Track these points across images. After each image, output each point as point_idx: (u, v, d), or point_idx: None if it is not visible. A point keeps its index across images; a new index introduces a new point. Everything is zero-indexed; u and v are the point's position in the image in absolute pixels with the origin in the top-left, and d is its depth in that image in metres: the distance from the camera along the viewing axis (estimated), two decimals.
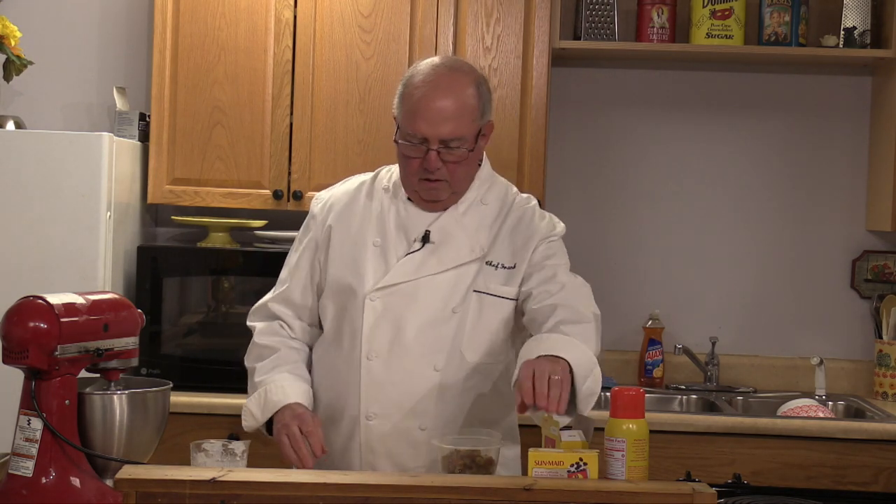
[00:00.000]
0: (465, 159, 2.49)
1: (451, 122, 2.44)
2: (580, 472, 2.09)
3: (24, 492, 2.13)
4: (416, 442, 2.51)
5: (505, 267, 2.54)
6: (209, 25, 3.91)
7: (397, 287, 2.51)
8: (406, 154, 2.49)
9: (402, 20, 3.89)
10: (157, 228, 4.25)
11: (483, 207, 2.58)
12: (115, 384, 2.29)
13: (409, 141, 2.47)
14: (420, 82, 2.47)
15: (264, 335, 2.63)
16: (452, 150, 2.46)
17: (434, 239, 2.52)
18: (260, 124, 3.91)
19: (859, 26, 4.00)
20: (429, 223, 2.54)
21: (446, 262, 2.52)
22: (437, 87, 2.45)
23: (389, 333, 2.51)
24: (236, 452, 2.25)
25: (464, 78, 2.49)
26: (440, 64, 2.51)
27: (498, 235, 2.56)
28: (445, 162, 2.46)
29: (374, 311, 2.51)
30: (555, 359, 2.27)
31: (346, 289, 2.55)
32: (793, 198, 4.26)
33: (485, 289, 2.52)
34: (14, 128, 3.84)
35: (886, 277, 4.22)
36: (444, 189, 2.51)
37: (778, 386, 4.20)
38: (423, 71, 2.49)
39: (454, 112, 2.44)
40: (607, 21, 4.07)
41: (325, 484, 1.96)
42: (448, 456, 2.30)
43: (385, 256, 2.54)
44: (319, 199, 2.68)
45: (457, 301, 2.51)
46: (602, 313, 4.21)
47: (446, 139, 2.44)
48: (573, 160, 4.28)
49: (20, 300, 2.18)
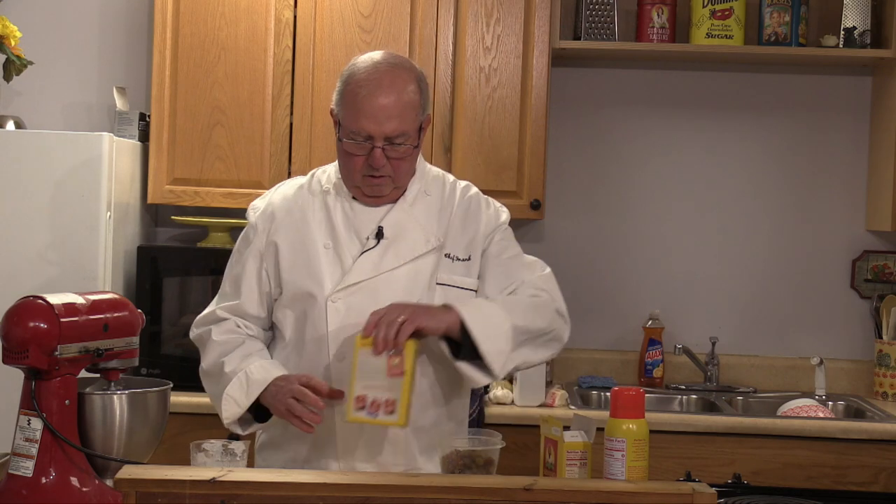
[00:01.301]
0: (409, 155, 2.51)
1: (395, 120, 2.45)
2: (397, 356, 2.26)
3: (24, 492, 2.13)
4: (394, 439, 2.49)
5: (460, 259, 2.57)
6: (209, 25, 3.91)
7: (358, 286, 2.51)
8: (350, 152, 2.49)
9: (402, 20, 3.90)
10: (157, 228, 4.25)
11: (428, 198, 2.60)
12: (115, 384, 2.29)
13: (353, 139, 2.47)
14: (363, 80, 2.47)
15: (222, 333, 2.57)
16: (397, 147, 2.47)
17: (388, 234, 2.53)
18: (260, 124, 3.91)
19: (859, 26, 4.00)
20: (379, 219, 2.55)
21: (404, 255, 2.53)
22: (381, 85, 2.46)
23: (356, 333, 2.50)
24: (236, 452, 2.25)
25: (405, 74, 2.50)
26: (381, 61, 2.50)
27: (449, 227, 2.58)
28: (390, 158, 2.48)
29: (338, 312, 2.50)
30: (444, 308, 2.39)
31: (304, 295, 2.53)
32: (793, 198, 4.26)
33: (449, 281, 2.55)
34: (14, 128, 3.84)
35: (886, 277, 4.22)
36: (387, 185, 2.52)
37: (778, 386, 4.20)
38: (365, 68, 2.49)
39: (398, 109, 2.46)
40: (607, 21, 4.07)
41: (325, 484, 1.96)
42: (448, 456, 2.30)
43: (340, 257, 2.53)
44: (256, 209, 2.64)
45: (420, 293, 2.52)
46: (602, 313, 4.27)
47: (391, 136, 2.46)
48: (573, 160, 4.28)
49: (20, 300, 2.18)
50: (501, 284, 2.56)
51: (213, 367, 2.54)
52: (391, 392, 2.29)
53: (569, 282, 4.26)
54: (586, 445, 2.23)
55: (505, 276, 2.57)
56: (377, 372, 2.30)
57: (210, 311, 2.63)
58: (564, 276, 4.25)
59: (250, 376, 2.46)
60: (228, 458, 2.24)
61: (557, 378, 4.15)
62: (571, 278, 4.28)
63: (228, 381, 2.48)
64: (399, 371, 2.29)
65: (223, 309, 2.61)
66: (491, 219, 2.62)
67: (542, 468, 2.28)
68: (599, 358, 4.26)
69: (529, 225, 4.24)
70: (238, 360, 2.50)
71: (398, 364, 2.29)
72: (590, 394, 4.04)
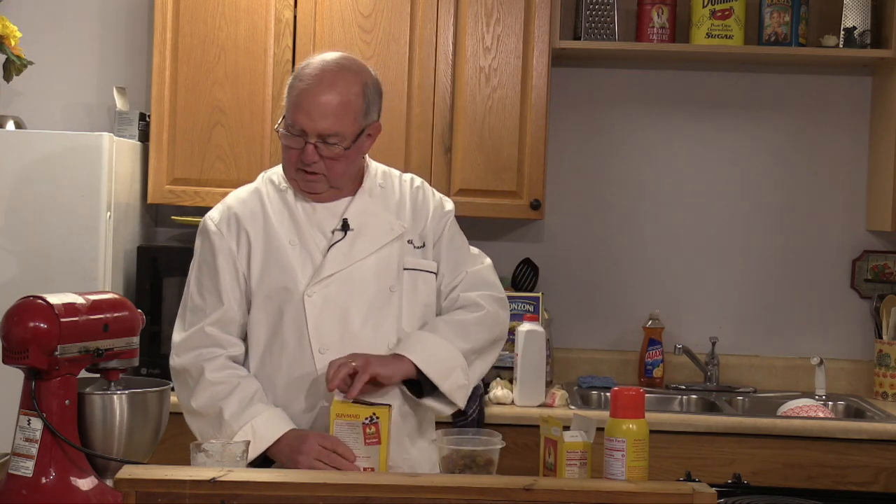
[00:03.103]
0: (342, 156, 2.53)
1: (329, 119, 2.48)
2: (373, 425, 2.31)
3: (24, 492, 2.13)
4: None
5: (416, 247, 2.64)
6: (209, 25, 3.91)
7: (332, 278, 2.54)
8: (286, 144, 2.53)
9: (402, 20, 3.89)
10: (157, 228, 4.25)
11: (383, 189, 2.66)
12: (115, 384, 2.29)
13: (288, 132, 2.51)
14: (307, 75, 2.51)
15: (216, 371, 2.53)
16: (329, 146, 2.50)
17: (353, 226, 2.58)
18: (260, 124, 3.91)
19: (859, 26, 4.00)
20: (340, 213, 2.59)
21: (373, 244, 2.58)
22: (322, 83, 2.49)
23: (336, 324, 2.54)
24: (236, 452, 2.25)
25: (351, 77, 2.52)
26: (330, 60, 2.54)
27: (406, 216, 2.65)
28: (322, 157, 2.51)
29: (315, 305, 2.53)
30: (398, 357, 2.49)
31: (279, 291, 2.55)
32: (793, 198, 4.26)
33: (414, 265, 2.62)
34: (14, 128, 3.84)
35: (886, 277, 4.22)
36: (321, 182, 2.55)
37: (778, 386, 4.20)
38: (313, 65, 2.53)
39: (335, 109, 2.48)
40: (607, 21, 4.07)
41: (325, 484, 1.96)
42: (448, 456, 2.30)
43: (308, 252, 2.56)
44: (214, 218, 2.63)
45: (392, 280, 2.58)
46: (602, 313, 4.27)
47: (324, 134, 2.49)
48: (573, 160, 4.28)
49: (20, 300, 2.18)
50: (452, 273, 2.66)
51: (208, 409, 2.52)
52: (369, 461, 2.35)
53: (569, 282, 4.28)
54: (586, 445, 2.23)
55: (454, 265, 2.67)
56: (355, 441, 2.36)
57: (195, 332, 2.57)
58: (564, 276, 4.28)
59: (257, 430, 2.46)
60: (228, 458, 2.24)
61: (557, 378, 4.15)
62: (571, 278, 4.28)
63: (231, 431, 2.47)
64: (375, 440, 2.35)
65: (211, 325, 2.56)
66: (438, 207, 2.70)
67: (542, 468, 2.28)
68: (599, 358, 4.26)
69: (529, 225, 4.24)
70: (237, 406, 2.49)
71: (374, 433, 2.35)
72: (590, 394, 4.04)
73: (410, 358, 2.49)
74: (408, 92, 3.91)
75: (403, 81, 3.90)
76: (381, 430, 2.34)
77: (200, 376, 2.53)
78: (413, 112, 3.91)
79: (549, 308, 4.16)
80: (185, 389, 2.57)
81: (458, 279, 2.66)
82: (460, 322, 2.60)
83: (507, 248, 4.23)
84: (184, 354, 2.58)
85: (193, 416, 2.57)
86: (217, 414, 2.51)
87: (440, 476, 2.18)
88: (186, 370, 2.56)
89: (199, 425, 2.56)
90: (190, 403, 2.56)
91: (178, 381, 2.59)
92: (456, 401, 2.55)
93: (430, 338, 2.56)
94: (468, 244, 2.75)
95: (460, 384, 2.55)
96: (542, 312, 3.94)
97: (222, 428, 2.49)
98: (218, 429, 2.50)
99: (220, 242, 2.59)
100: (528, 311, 3.89)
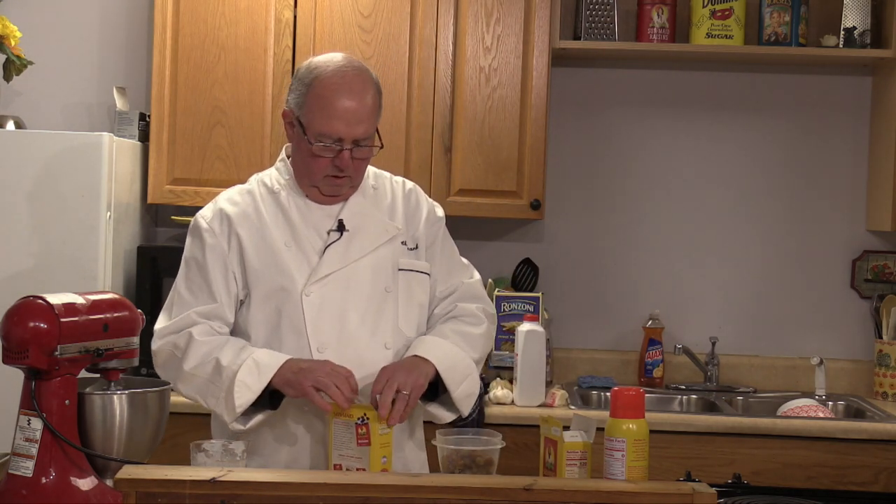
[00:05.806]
0: (371, 156, 2.59)
1: (364, 123, 2.53)
2: (364, 426, 2.34)
3: (24, 492, 2.13)
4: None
5: (410, 248, 2.66)
6: (209, 25, 3.91)
7: (329, 278, 2.55)
8: (318, 154, 2.53)
9: (402, 20, 3.90)
10: (157, 228, 4.25)
11: (377, 191, 2.69)
12: (115, 384, 2.29)
13: (322, 142, 2.51)
14: (333, 84, 2.51)
15: (204, 334, 2.52)
16: (361, 149, 2.54)
17: (349, 226, 2.59)
18: (260, 124, 3.91)
19: (859, 26, 4.00)
20: (335, 214, 2.61)
21: (368, 245, 2.60)
22: (352, 89, 2.52)
23: (334, 323, 2.55)
24: (236, 452, 2.25)
25: (368, 78, 2.57)
26: (346, 65, 2.56)
27: (400, 217, 2.67)
28: (354, 159, 2.54)
29: (313, 305, 2.54)
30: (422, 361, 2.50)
31: (277, 291, 2.55)
32: (793, 197, 4.26)
33: (409, 266, 2.64)
34: (14, 128, 3.84)
35: (886, 277, 4.22)
36: (346, 184, 2.59)
37: (778, 386, 4.20)
38: (333, 72, 2.53)
39: (366, 113, 2.53)
40: (607, 21, 4.07)
41: (325, 484, 1.96)
42: (448, 456, 2.30)
43: (303, 253, 2.57)
44: (205, 217, 2.61)
45: (388, 280, 2.60)
46: (602, 313, 4.27)
47: (359, 139, 2.53)
48: (573, 160, 4.28)
49: (20, 300, 2.18)
50: (445, 280, 2.70)
51: (203, 365, 2.49)
52: (360, 461, 2.36)
53: (569, 282, 4.28)
54: (586, 445, 2.23)
55: (447, 271, 2.71)
56: (349, 442, 2.38)
57: (182, 317, 2.55)
58: (564, 276, 4.28)
59: (259, 361, 2.45)
60: (228, 458, 2.24)
61: (557, 378, 4.15)
62: (571, 278, 4.28)
63: (231, 372, 2.44)
64: (366, 440, 2.36)
65: (199, 314, 2.55)
66: (431, 212, 2.73)
67: (542, 468, 2.28)
68: (599, 358, 4.26)
69: (529, 225, 4.24)
70: (234, 353, 2.47)
71: (365, 434, 2.36)
72: (590, 394, 4.04)
73: (433, 361, 2.51)
74: (408, 92, 3.91)
75: (403, 81, 3.90)
76: (371, 432, 2.35)
77: (189, 340, 2.51)
78: (413, 112, 3.91)
79: (549, 308, 4.16)
80: (172, 362, 2.53)
81: (453, 287, 2.70)
82: (469, 333, 2.64)
83: (507, 248, 4.23)
84: (167, 336, 2.56)
85: (188, 381, 2.51)
86: (214, 365, 2.47)
87: (440, 476, 2.18)
88: (172, 343, 2.53)
89: (196, 386, 2.50)
90: (182, 368, 2.51)
91: (162, 358, 2.55)
92: (462, 408, 2.58)
93: (446, 344, 2.59)
94: (456, 249, 2.78)
95: (469, 392, 2.58)
96: (542, 312, 3.94)
97: (221, 376, 2.45)
98: (217, 379, 2.46)
99: (212, 241, 2.58)
100: (528, 311, 3.89)
